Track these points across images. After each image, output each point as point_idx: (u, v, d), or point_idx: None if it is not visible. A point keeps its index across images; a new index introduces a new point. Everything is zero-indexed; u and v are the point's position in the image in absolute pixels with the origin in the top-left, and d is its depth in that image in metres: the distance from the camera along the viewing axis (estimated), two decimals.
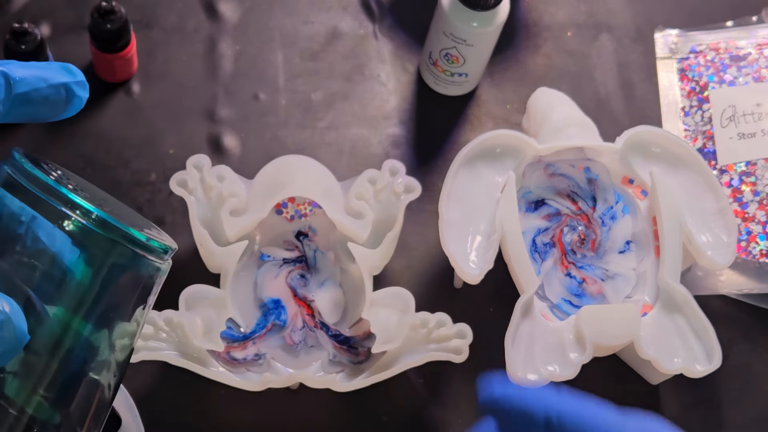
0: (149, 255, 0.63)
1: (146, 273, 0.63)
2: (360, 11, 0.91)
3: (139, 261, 0.62)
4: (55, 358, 0.61)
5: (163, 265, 0.65)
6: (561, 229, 0.81)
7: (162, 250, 0.64)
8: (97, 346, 0.63)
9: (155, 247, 0.63)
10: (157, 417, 0.76)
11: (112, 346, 0.64)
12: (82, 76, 0.69)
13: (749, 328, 0.83)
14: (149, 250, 0.63)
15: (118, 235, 0.61)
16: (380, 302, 0.75)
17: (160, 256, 0.64)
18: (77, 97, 0.68)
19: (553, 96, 0.83)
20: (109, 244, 0.61)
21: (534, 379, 0.73)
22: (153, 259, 0.63)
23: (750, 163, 0.84)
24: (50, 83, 0.66)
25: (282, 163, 0.79)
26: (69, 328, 0.61)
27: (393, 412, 0.78)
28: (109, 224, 0.60)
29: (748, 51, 0.88)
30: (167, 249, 0.64)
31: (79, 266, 0.61)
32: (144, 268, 0.63)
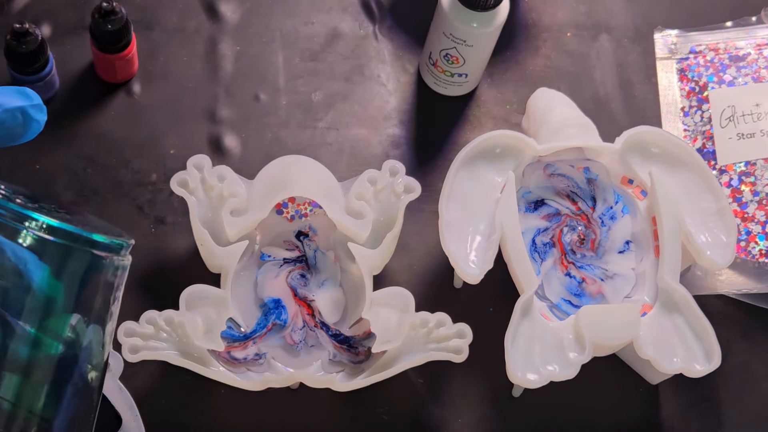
0: (107, 253, 0.63)
1: (108, 272, 0.64)
2: (360, 12, 0.92)
3: (98, 261, 0.63)
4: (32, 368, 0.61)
5: (122, 261, 0.65)
6: (561, 229, 0.81)
7: (118, 246, 0.64)
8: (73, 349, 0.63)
9: (111, 244, 0.63)
10: (158, 416, 0.76)
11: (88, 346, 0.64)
12: (38, 100, 0.69)
13: (748, 327, 0.83)
14: (106, 249, 0.63)
15: (71, 239, 0.62)
16: (380, 302, 0.75)
17: (118, 253, 0.64)
18: (35, 120, 0.68)
19: (553, 96, 0.83)
20: (64, 250, 0.62)
21: (534, 378, 0.73)
22: (112, 257, 0.63)
23: (749, 163, 0.84)
24: (5, 108, 0.66)
25: (282, 164, 0.79)
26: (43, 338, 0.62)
27: (393, 411, 0.78)
28: (59, 230, 0.61)
29: (747, 51, 0.88)
30: (123, 245, 0.65)
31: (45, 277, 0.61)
32: (104, 268, 0.63)
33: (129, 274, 0.80)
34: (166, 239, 0.82)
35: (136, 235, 0.81)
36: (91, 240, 0.62)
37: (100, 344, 0.65)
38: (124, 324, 0.72)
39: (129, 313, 0.77)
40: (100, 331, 0.65)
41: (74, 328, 0.63)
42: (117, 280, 0.65)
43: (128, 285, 0.80)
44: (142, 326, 0.72)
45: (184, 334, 0.72)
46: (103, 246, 0.63)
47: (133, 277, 0.80)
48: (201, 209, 0.77)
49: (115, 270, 0.65)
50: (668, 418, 0.80)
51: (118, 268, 0.65)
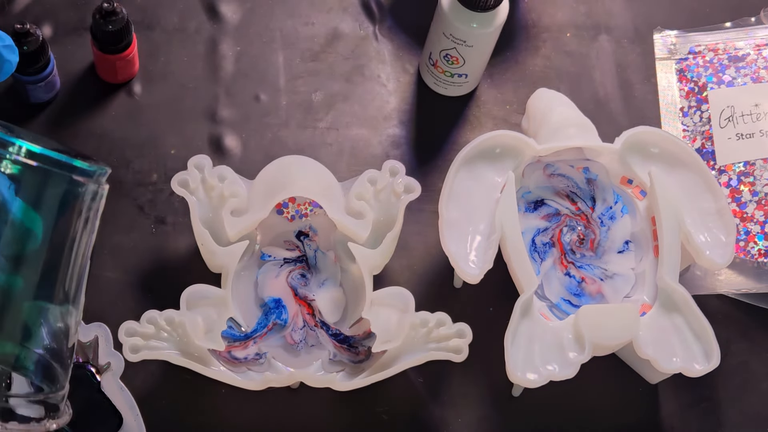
0: (85, 178, 0.64)
1: (86, 198, 0.65)
2: (360, 12, 0.92)
3: (76, 188, 0.64)
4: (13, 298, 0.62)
5: (100, 188, 0.66)
6: (560, 229, 0.81)
7: (96, 171, 0.65)
8: (51, 278, 0.64)
9: (89, 169, 0.64)
10: (159, 416, 0.76)
11: (65, 275, 0.65)
12: (10, 41, 0.70)
13: (748, 327, 0.83)
14: (85, 174, 0.64)
15: (51, 163, 0.63)
16: (380, 302, 0.75)
17: (95, 179, 0.65)
18: (7, 61, 0.69)
19: (553, 97, 0.83)
20: (43, 175, 0.63)
21: (533, 378, 0.73)
22: (89, 183, 0.64)
23: (748, 164, 0.84)
24: None
25: (283, 164, 0.79)
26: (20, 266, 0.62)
27: (393, 411, 0.79)
28: (40, 155, 0.62)
29: (746, 52, 0.88)
30: (101, 170, 0.66)
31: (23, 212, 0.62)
32: (83, 195, 0.64)
33: (130, 273, 0.80)
34: (167, 239, 0.82)
35: (136, 235, 0.82)
36: (71, 165, 0.63)
37: (77, 276, 0.66)
38: (125, 324, 0.72)
39: (130, 313, 0.77)
40: (78, 259, 0.66)
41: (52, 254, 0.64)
42: (95, 206, 0.66)
43: (129, 285, 0.80)
44: (142, 326, 0.72)
45: (185, 333, 0.72)
46: (82, 171, 0.64)
47: (134, 276, 0.80)
48: (201, 209, 0.77)
49: (93, 197, 0.66)
50: (668, 418, 0.80)
51: (96, 195, 0.66)
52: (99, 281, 0.80)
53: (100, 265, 0.80)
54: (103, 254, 0.81)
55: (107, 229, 0.82)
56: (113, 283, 0.80)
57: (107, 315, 0.77)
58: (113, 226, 0.82)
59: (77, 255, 0.66)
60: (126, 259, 0.81)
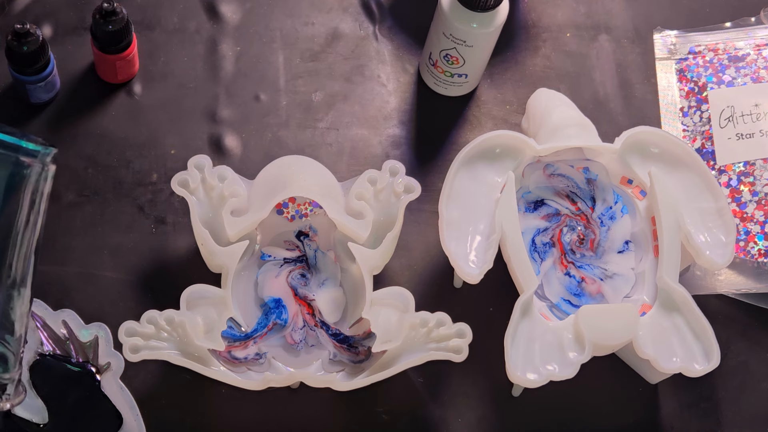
0: (31, 159, 0.64)
1: (31, 179, 0.65)
2: (360, 12, 0.92)
3: (22, 169, 0.64)
4: None
5: (46, 169, 0.66)
6: (560, 229, 0.81)
7: (41, 151, 0.65)
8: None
9: (35, 150, 0.65)
10: (159, 416, 0.76)
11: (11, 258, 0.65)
12: None
13: (747, 327, 0.83)
14: (30, 155, 0.64)
15: None
16: (380, 302, 0.75)
17: (41, 160, 0.64)
18: None
19: (552, 97, 0.83)
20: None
21: (533, 378, 0.73)
22: (35, 164, 0.64)
23: (748, 164, 0.84)
24: None
25: (283, 164, 0.79)
26: None
27: (393, 411, 0.79)
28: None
29: (746, 52, 0.88)
30: (47, 151, 0.66)
31: None
32: (29, 176, 0.64)
33: (130, 273, 0.81)
34: (167, 239, 0.82)
35: (136, 235, 0.82)
36: (16, 145, 0.63)
37: (23, 257, 0.66)
38: (125, 324, 0.72)
39: (130, 313, 0.77)
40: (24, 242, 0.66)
41: None
42: (41, 187, 0.66)
43: (129, 285, 0.80)
44: (142, 326, 0.72)
45: (185, 333, 0.72)
46: (27, 151, 0.64)
47: (134, 276, 0.80)
48: (201, 209, 0.77)
49: (39, 177, 0.66)
50: (667, 418, 0.80)
51: (42, 175, 0.66)
52: (99, 281, 0.80)
53: (100, 265, 0.80)
54: (103, 254, 0.81)
55: (107, 229, 0.82)
56: (113, 283, 0.80)
57: (107, 315, 0.78)
58: (113, 226, 0.82)
59: (23, 238, 0.66)
60: (126, 259, 0.81)
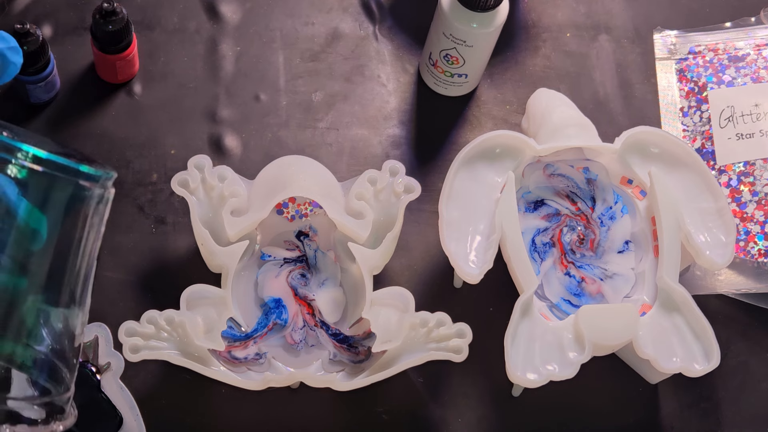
0: (91, 183, 0.64)
1: (91, 203, 0.65)
2: (360, 12, 0.92)
3: (82, 192, 0.64)
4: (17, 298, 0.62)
5: (106, 192, 0.66)
6: (560, 229, 0.81)
7: (102, 176, 0.65)
8: (56, 280, 0.64)
9: (95, 174, 0.64)
10: (159, 416, 0.76)
11: (70, 277, 0.65)
12: (14, 42, 0.69)
13: (747, 327, 0.83)
14: (91, 179, 0.64)
15: (57, 169, 0.63)
16: (380, 302, 0.75)
17: (101, 184, 0.64)
18: (12, 63, 0.69)
19: (553, 97, 0.83)
20: (49, 179, 0.63)
21: (533, 378, 0.73)
22: (95, 188, 0.64)
23: (748, 164, 0.84)
24: None
25: (283, 164, 0.79)
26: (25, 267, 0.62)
27: (393, 411, 0.79)
28: (46, 160, 0.61)
29: (746, 52, 0.88)
30: (107, 175, 0.66)
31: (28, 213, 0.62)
32: (88, 199, 0.64)
33: (130, 273, 0.81)
34: (167, 239, 0.82)
35: (136, 235, 0.82)
36: (76, 170, 0.63)
37: (82, 278, 0.66)
38: (125, 324, 0.72)
39: (130, 313, 0.77)
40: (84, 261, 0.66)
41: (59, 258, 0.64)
42: (101, 210, 0.66)
43: (129, 285, 0.80)
44: (142, 326, 0.72)
45: (185, 333, 0.72)
46: (88, 176, 0.64)
47: (134, 276, 0.80)
48: (201, 209, 0.77)
49: (99, 201, 0.66)
50: (667, 418, 0.80)
51: (102, 200, 0.66)
52: (99, 281, 0.80)
53: (100, 265, 0.80)
54: (103, 254, 0.81)
55: (107, 229, 0.81)
56: (113, 283, 0.80)
57: (107, 315, 0.78)
58: (113, 226, 0.82)
59: (83, 258, 0.66)
60: (126, 259, 0.81)
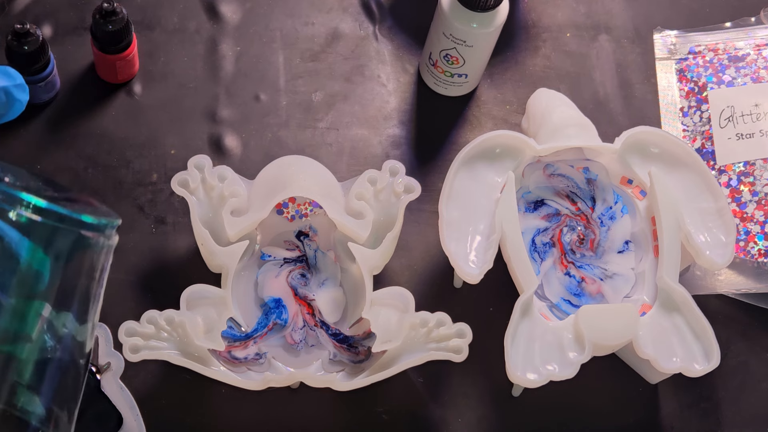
0: (94, 233, 0.63)
1: (94, 251, 0.64)
2: (360, 12, 0.92)
3: (85, 241, 0.63)
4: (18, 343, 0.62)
5: (109, 241, 0.65)
6: (560, 229, 0.81)
7: (105, 226, 0.64)
8: (60, 328, 0.63)
9: (98, 224, 0.64)
10: (159, 416, 0.76)
11: (76, 324, 0.64)
12: (21, 79, 0.69)
13: (747, 327, 0.83)
14: (93, 229, 0.64)
15: (59, 219, 0.62)
16: (380, 302, 0.75)
17: (105, 233, 0.64)
18: (17, 100, 0.69)
19: (553, 97, 0.83)
20: (51, 229, 0.62)
21: (533, 378, 0.73)
22: (99, 237, 0.63)
23: (748, 164, 0.84)
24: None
25: (283, 164, 0.79)
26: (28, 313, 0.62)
27: (393, 411, 0.79)
28: (47, 210, 0.61)
29: (746, 52, 0.88)
30: (110, 224, 0.65)
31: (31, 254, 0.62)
32: (91, 247, 0.64)
33: (130, 273, 0.80)
34: (167, 239, 0.82)
35: (136, 235, 0.82)
36: (79, 220, 0.62)
37: (85, 324, 0.66)
38: (125, 324, 0.72)
39: (130, 313, 0.77)
40: (84, 311, 0.65)
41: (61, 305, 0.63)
42: (103, 259, 0.65)
43: (129, 285, 0.80)
44: (142, 326, 0.72)
45: (185, 333, 0.72)
46: (91, 226, 0.63)
47: (134, 276, 0.80)
48: (201, 209, 0.77)
49: (101, 249, 0.65)
50: (667, 418, 0.80)
51: (104, 248, 0.65)
52: None
53: None
54: None
55: None
56: (113, 283, 0.80)
57: (107, 315, 0.77)
58: None
59: (85, 303, 0.65)
60: (126, 259, 0.81)
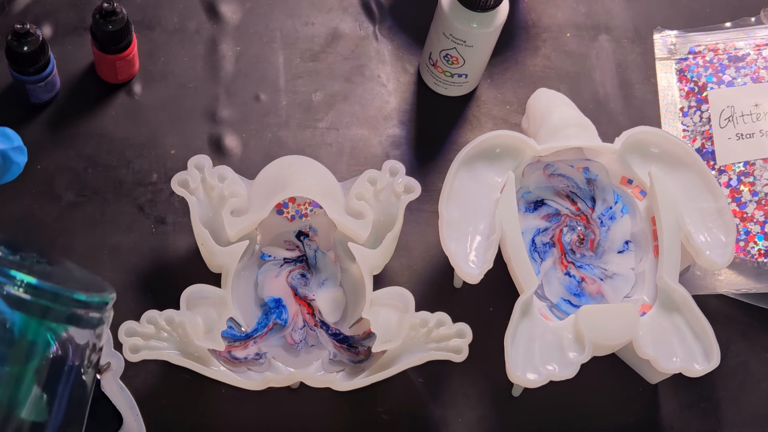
0: (88, 311, 0.63)
1: (87, 326, 0.64)
2: (360, 12, 0.92)
3: (79, 317, 0.63)
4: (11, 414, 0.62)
5: (103, 315, 0.65)
6: (560, 229, 0.81)
7: (99, 303, 0.64)
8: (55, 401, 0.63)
9: (92, 302, 0.63)
10: (159, 416, 0.76)
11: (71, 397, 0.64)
12: (19, 141, 0.69)
13: (747, 327, 0.83)
14: (87, 306, 0.63)
15: (52, 298, 0.61)
16: (380, 302, 0.75)
17: (100, 310, 0.64)
18: (15, 163, 0.69)
19: (552, 97, 0.83)
20: (43, 309, 0.62)
21: (533, 378, 0.73)
22: (92, 315, 0.63)
23: (748, 164, 0.84)
24: None
25: (283, 164, 0.79)
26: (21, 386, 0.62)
27: (393, 411, 0.79)
28: (40, 288, 0.60)
29: (746, 52, 0.88)
30: (104, 302, 0.65)
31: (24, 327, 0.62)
32: (85, 323, 0.64)
33: (130, 273, 0.81)
34: (167, 239, 0.82)
35: (136, 235, 0.82)
36: (72, 298, 0.62)
37: (83, 394, 0.66)
38: (125, 324, 0.72)
39: (130, 313, 0.77)
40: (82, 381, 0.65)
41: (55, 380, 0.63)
42: (96, 333, 0.65)
43: (129, 285, 0.80)
44: (142, 326, 0.72)
45: (185, 333, 0.72)
46: (84, 304, 0.63)
47: (134, 276, 0.80)
48: (201, 209, 0.77)
49: (96, 325, 0.65)
50: (667, 418, 0.80)
51: (99, 323, 0.65)
52: None
53: (100, 265, 0.80)
54: (103, 254, 0.81)
55: (107, 229, 0.82)
56: (113, 283, 0.80)
57: None
58: (113, 226, 0.82)
59: (78, 376, 0.65)
60: (126, 259, 0.81)
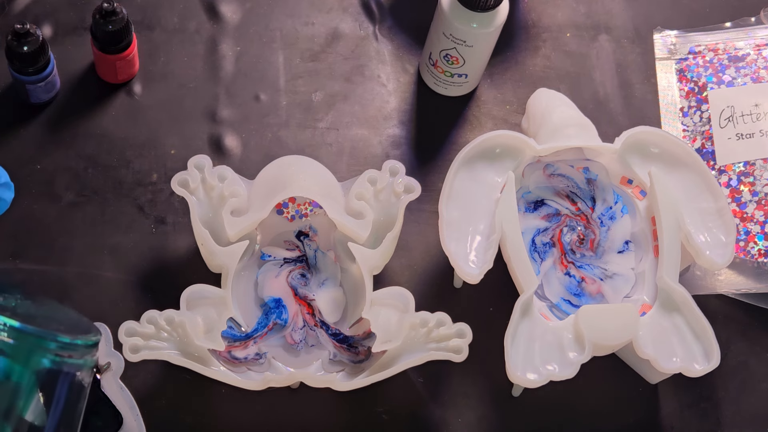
0: (71, 353, 0.62)
1: (72, 368, 0.64)
2: (360, 12, 0.92)
3: (63, 360, 0.63)
4: None
5: (89, 358, 0.65)
6: (560, 229, 0.81)
7: (84, 345, 0.64)
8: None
9: (77, 344, 0.63)
10: (159, 416, 0.76)
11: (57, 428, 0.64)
12: (6, 177, 0.69)
13: (747, 327, 0.83)
14: (71, 348, 0.63)
15: (35, 342, 0.61)
16: (380, 302, 0.75)
17: (85, 353, 0.64)
18: (2, 199, 0.69)
19: (552, 97, 0.83)
20: (26, 352, 0.61)
21: (533, 378, 0.73)
22: (77, 358, 0.63)
23: (748, 164, 0.84)
24: None
25: (283, 164, 0.79)
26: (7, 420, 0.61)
27: (393, 411, 0.79)
28: (23, 332, 0.60)
29: (746, 52, 0.88)
30: (89, 343, 0.64)
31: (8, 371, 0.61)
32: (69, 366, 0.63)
33: (130, 273, 0.81)
34: (167, 239, 0.82)
35: (136, 235, 0.82)
36: (57, 341, 0.62)
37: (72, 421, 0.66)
38: (125, 324, 0.72)
39: (130, 313, 0.77)
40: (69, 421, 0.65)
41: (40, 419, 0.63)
42: (81, 375, 0.65)
43: (129, 285, 0.80)
44: (142, 326, 0.72)
45: (185, 333, 0.72)
46: (69, 346, 0.63)
47: (134, 276, 0.80)
48: (201, 209, 0.77)
49: (81, 366, 0.65)
50: (667, 418, 0.80)
51: (85, 365, 0.65)
52: (99, 281, 0.80)
53: (100, 265, 0.80)
54: (103, 254, 0.81)
55: (107, 229, 0.82)
56: (113, 283, 0.80)
57: (107, 315, 0.77)
58: (113, 226, 0.82)
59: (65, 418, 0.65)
60: (126, 259, 0.81)
